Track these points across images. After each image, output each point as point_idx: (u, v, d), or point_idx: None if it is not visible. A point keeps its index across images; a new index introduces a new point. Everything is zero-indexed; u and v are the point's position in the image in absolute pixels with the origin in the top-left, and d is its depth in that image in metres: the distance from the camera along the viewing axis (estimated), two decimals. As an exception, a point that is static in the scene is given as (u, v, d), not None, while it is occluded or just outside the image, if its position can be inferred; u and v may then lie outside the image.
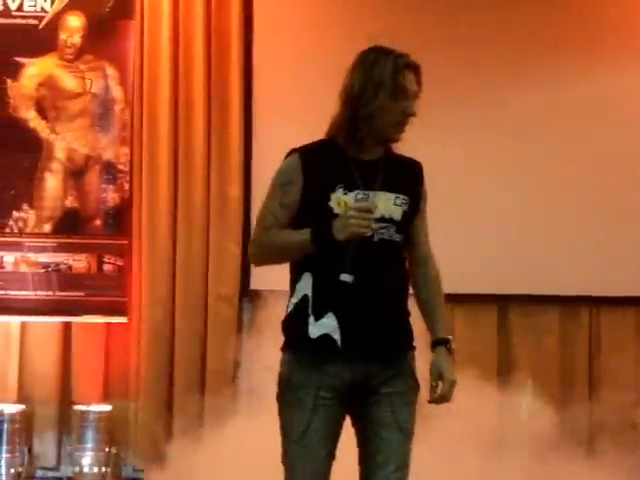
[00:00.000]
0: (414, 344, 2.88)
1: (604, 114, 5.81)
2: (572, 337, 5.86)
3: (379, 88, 2.78)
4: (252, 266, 5.62)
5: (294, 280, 2.83)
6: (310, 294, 2.78)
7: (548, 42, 5.81)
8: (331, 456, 2.80)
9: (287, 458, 2.80)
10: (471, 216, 5.72)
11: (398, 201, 2.82)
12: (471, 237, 5.70)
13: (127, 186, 5.79)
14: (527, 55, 5.79)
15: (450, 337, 2.89)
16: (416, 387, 2.84)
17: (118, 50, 5.80)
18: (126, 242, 5.78)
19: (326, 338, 2.75)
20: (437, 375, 2.83)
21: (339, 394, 2.77)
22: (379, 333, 2.77)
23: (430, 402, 2.85)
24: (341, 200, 2.75)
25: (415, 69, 2.85)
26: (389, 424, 2.77)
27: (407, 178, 2.88)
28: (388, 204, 2.80)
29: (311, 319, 2.76)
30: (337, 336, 2.75)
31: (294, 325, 2.81)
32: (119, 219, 5.79)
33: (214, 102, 5.89)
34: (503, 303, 5.87)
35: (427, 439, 4.20)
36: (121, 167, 5.80)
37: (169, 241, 5.79)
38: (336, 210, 2.73)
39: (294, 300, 2.82)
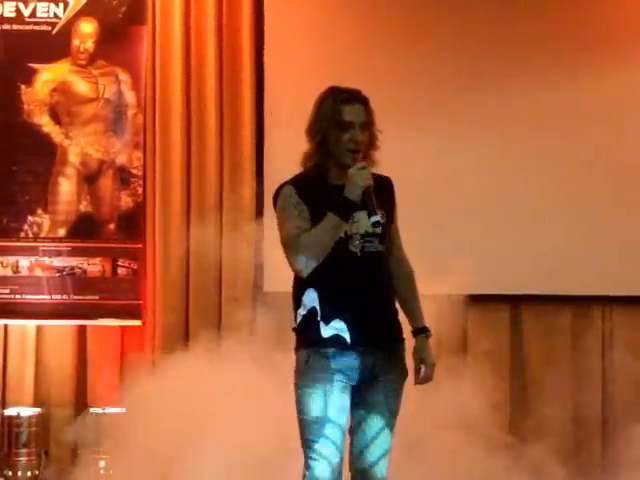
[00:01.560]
0: (404, 337, 3.35)
1: (618, 112, 5.81)
2: (585, 337, 5.85)
3: (325, 122, 3.26)
4: (264, 269, 5.72)
5: (299, 294, 3.29)
6: (317, 306, 3.25)
7: (558, 40, 5.81)
8: (344, 432, 3.24)
9: (307, 438, 3.22)
10: (480, 217, 5.72)
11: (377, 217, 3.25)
12: (482, 237, 5.71)
13: (140, 190, 5.82)
14: (536, 53, 5.80)
15: (425, 325, 3.39)
16: (405, 374, 3.33)
17: (130, 55, 5.83)
18: (140, 246, 5.81)
19: (337, 337, 3.24)
20: (419, 360, 3.35)
21: (350, 380, 3.23)
22: (379, 330, 3.27)
23: (416, 384, 3.35)
24: None
25: (359, 102, 3.29)
26: (380, 406, 3.27)
27: (382, 195, 3.29)
28: (368, 221, 3.20)
29: (322, 324, 3.24)
30: (346, 335, 3.23)
31: (307, 329, 3.27)
32: (133, 223, 5.82)
33: (226, 106, 5.91)
34: (516, 303, 5.87)
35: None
36: (134, 171, 5.83)
37: (183, 244, 5.81)
38: None
39: (302, 312, 3.29)
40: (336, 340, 3.24)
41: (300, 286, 3.30)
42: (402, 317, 3.38)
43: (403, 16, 5.83)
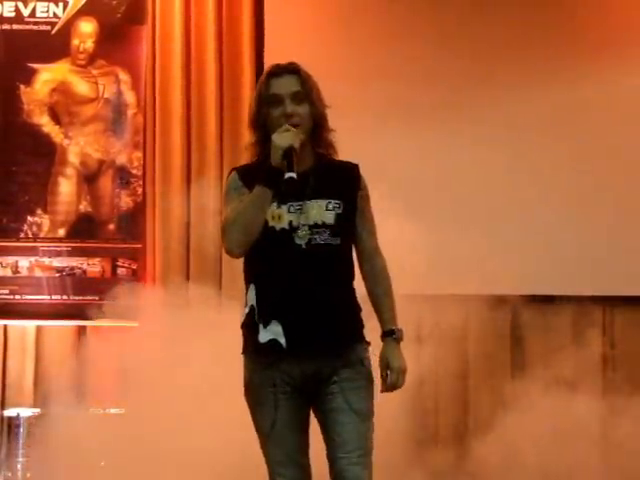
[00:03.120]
0: (365, 338, 3.05)
1: (625, 114, 5.80)
2: (585, 337, 5.84)
3: (259, 101, 3.03)
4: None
5: (245, 291, 3.04)
6: (255, 304, 2.99)
7: (564, 41, 5.81)
8: (302, 441, 3.01)
9: (264, 449, 3.01)
10: (480, 217, 5.71)
11: (330, 206, 3.00)
12: (483, 238, 5.69)
13: (140, 190, 5.82)
14: (544, 56, 5.79)
15: (395, 327, 3.06)
16: (366, 372, 3.00)
17: (130, 55, 5.82)
18: (140, 246, 5.80)
19: (274, 342, 2.95)
20: (385, 365, 3.03)
21: (295, 388, 2.96)
22: (321, 331, 2.95)
23: (382, 392, 3.04)
24: (275, 213, 2.95)
25: (288, 72, 3.04)
26: (342, 409, 2.95)
27: (340, 183, 3.04)
28: (320, 210, 2.98)
29: (260, 326, 2.97)
30: (282, 340, 2.94)
31: (247, 331, 3.03)
32: (133, 223, 5.81)
33: (226, 105, 5.91)
34: (519, 303, 5.87)
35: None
36: (134, 171, 5.83)
37: (182, 245, 5.81)
38: (271, 223, 2.94)
39: (245, 310, 3.03)
40: (273, 345, 2.94)
41: (246, 282, 3.04)
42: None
43: (405, 16, 5.82)
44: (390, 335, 3.06)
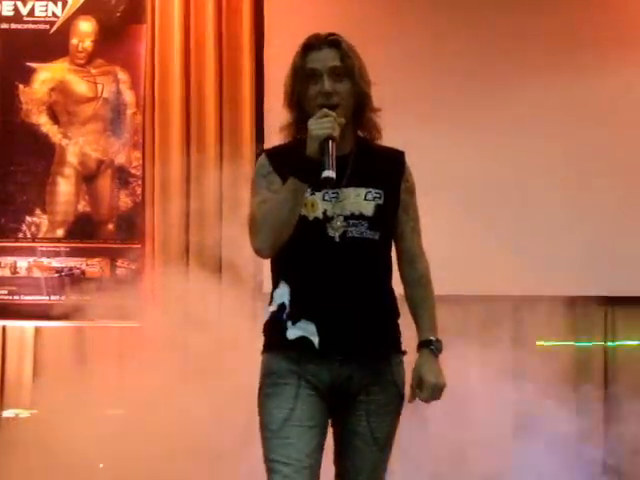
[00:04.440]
0: (403, 348, 2.78)
1: (623, 113, 5.79)
2: (587, 337, 5.83)
3: (294, 77, 2.73)
4: (263, 269, 5.68)
5: (273, 288, 2.78)
6: (287, 302, 2.70)
7: (571, 38, 5.79)
8: (317, 451, 2.66)
9: (268, 446, 2.65)
10: (479, 217, 5.69)
11: (370, 196, 2.71)
12: (482, 238, 5.68)
13: (139, 190, 5.80)
14: (539, 54, 5.77)
15: (433, 338, 2.73)
16: (398, 395, 2.72)
17: (129, 54, 5.80)
18: (139, 246, 5.78)
19: (304, 340, 2.67)
20: (417, 379, 2.70)
21: (321, 392, 2.67)
22: (357, 335, 2.66)
23: (409, 402, 2.74)
24: (307, 201, 2.66)
25: (327, 45, 2.72)
26: (362, 435, 2.69)
27: (382, 170, 2.74)
28: (358, 200, 2.69)
29: (289, 324, 2.69)
30: (315, 338, 2.66)
31: (273, 329, 2.75)
32: (132, 223, 5.79)
33: (226, 105, 5.89)
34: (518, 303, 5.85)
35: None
36: (133, 171, 5.81)
37: (182, 245, 5.79)
38: (303, 212, 2.65)
39: (272, 308, 2.75)
40: (302, 343, 2.67)
41: (274, 279, 2.77)
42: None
43: (406, 14, 5.80)
44: (427, 346, 2.72)
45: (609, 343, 5.86)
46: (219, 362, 4.89)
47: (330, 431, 2.76)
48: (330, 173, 2.53)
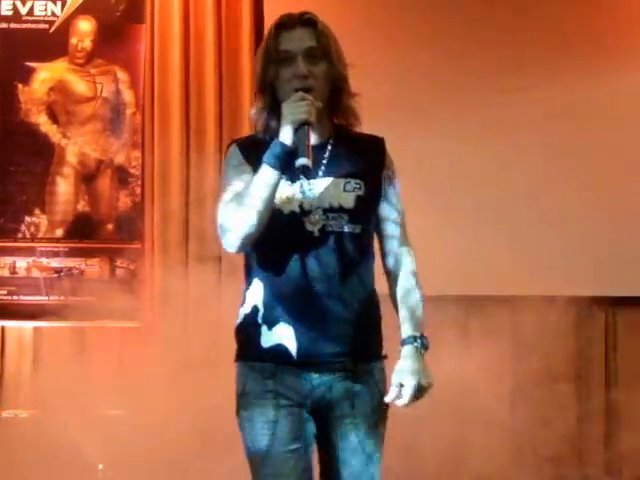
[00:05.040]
0: (383, 352, 2.60)
1: (620, 113, 5.78)
2: (588, 338, 5.82)
3: (266, 59, 2.53)
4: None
5: (246, 287, 2.59)
6: (261, 304, 2.51)
7: (570, 38, 5.78)
8: (306, 470, 2.50)
9: (256, 476, 2.50)
10: (479, 217, 5.68)
11: (349, 186, 2.52)
12: (479, 238, 5.67)
13: (139, 190, 5.79)
14: (535, 55, 5.76)
15: (418, 333, 2.51)
16: (382, 403, 2.51)
17: (129, 54, 5.79)
18: (138, 246, 5.77)
19: (280, 348, 2.47)
20: (398, 378, 2.47)
21: (299, 407, 2.48)
22: (338, 340, 2.47)
23: (388, 402, 2.51)
24: (283, 193, 2.47)
25: (301, 24, 2.52)
26: (353, 449, 2.50)
27: (361, 159, 2.55)
28: (337, 191, 2.49)
29: (264, 328, 2.50)
30: (292, 345, 2.46)
31: (245, 335, 2.56)
32: (131, 223, 5.78)
33: (226, 105, 5.88)
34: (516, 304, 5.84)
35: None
36: (133, 171, 5.80)
37: (181, 245, 5.78)
38: (278, 205, 2.46)
39: (244, 310, 2.56)
40: (278, 353, 2.46)
41: (247, 277, 2.59)
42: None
43: (406, 15, 5.79)
44: (410, 342, 2.49)
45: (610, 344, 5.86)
46: (219, 361, 4.88)
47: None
48: (306, 161, 2.36)
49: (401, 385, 2.45)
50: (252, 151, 2.52)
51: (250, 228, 2.43)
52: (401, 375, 2.46)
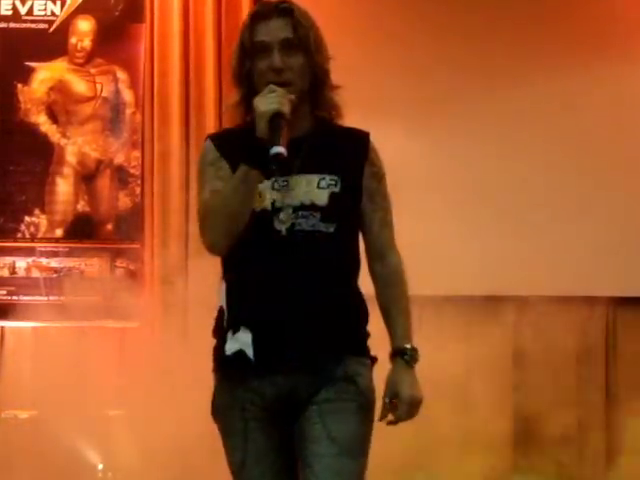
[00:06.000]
0: (366, 351, 2.43)
1: (623, 113, 5.77)
2: (588, 338, 5.82)
3: (241, 52, 2.46)
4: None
5: (218, 287, 2.47)
6: (225, 305, 2.40)
7: (570, 35, 5.77)
8: (286, 477, 2.38)
9: None
10: (479, 218, 5.68)
11: (323, 183, 2.36)
12: (481, 239, 5.66)
13: (139, 190, 5.78)
14: (549, 48, 5.74)
15: (408, 345, 2.39)
16: (357, 392, 2.35)
17: (128, 53, 5.79)
18: (138, 246, 5.77)
19: (241, 355, 2.35)
20: (391, 393, 2.37)
21: (269, 412, 2.36)
22: (298, 339, 2.32)
23: (380, 420, 2.39)
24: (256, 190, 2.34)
25: (277, 14, 2.39)
26: (318, 437, 2.31)
27: (340, 154, 2.40)
28: (310, 188, 2.35)
29: (229, 333, 2.38)
30: (250, 351, 2.33)
31: (217, 340, 2.44)
32: (131, 223, 5.78)
33: (225, 105, 5.87)
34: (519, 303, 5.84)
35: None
36: (132, 171, 5.80)
37: (181, 245, 5.78)
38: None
39: (216, 313, 2.45)
40: (240, 359, 2.34)
41: (221, 277, 2.45)
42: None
43: (400, 10, 5.77)
44: (400, 355, 2.38)
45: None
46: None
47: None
48: (280, 149, 2.20)
49: (394, 396, 2.36)
50: (229, 146, 2.41)
51: (231, 228, 2.33)
52: (393, 387, 2.38)
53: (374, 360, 2.44)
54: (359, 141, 2.45)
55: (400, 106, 5.52)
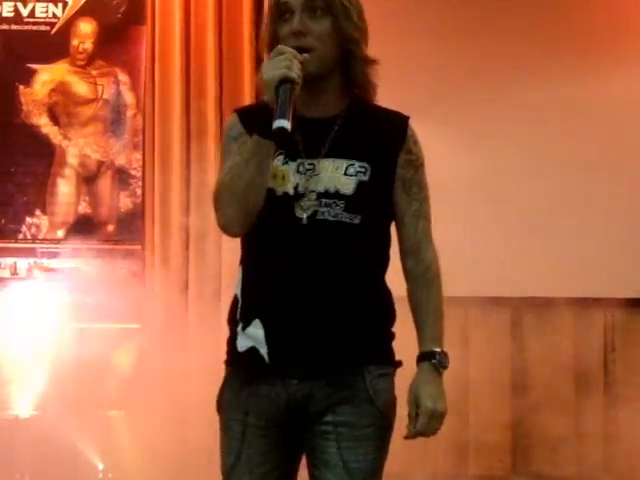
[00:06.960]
0: (390, 356, 2.26)
1: (623, 115, 5.77)
2: (586, 339, 5.82)
3: (270, 16, 2.23)
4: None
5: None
6: (240, 294, 2.24)
7: (582, 35, 5.76)
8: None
9: None
10: (479, 217, 5.68)
11: (352, 170, 2.17)
12: (481, 239, 5.67)
13: (140, 191, 5.80)
14: (559, 49, 5.73)
15: (438, 349, 2.22)
16: (379, 416, 2.19)
17: (130, 56, 5.80)
18: (139, 247, 5.78)
19: (253, 352, 2.18)
20: (413, 402, 2.20)
21: (275, 423, 2.20)
22: (318, 342, 2.15)
23: (406, 438, 2.22)
24: (278, 171, 2.17)
25: None
26: (334, 465, 2.14)
27: (374, 138, 2.21)
28: (336, 174, 2.17)
29: (239, 327, 2.22)
30: (264, 350, 2.16)
31: (229, 332, 2.28)
32: (132, 224, 5.79)
33: (226, 107, 5.88)
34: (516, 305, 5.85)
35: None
36: (133, 172, 5.81)
37: (182, 246, 5.79)
38: (271, 184, 2.15)
39: (232, 301, 2.29)
40: (252, 357, 2.18)
41: (239, 263, 2.28)
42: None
43: (409, 11, 5.77)
44: (428, 359, 2.20)
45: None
46: (219, 360, 4.88)
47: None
48: (282, 123, 2.00)
49: (415, 405, 2.20)
50: (253, 119, 2.17)
51: (243, 203, 2.13)
52: (415, 395, 2.20)
53: (398, 365, 2.28)
54: (397, 126, 2.25)
55: (421, 106, 5.53)
